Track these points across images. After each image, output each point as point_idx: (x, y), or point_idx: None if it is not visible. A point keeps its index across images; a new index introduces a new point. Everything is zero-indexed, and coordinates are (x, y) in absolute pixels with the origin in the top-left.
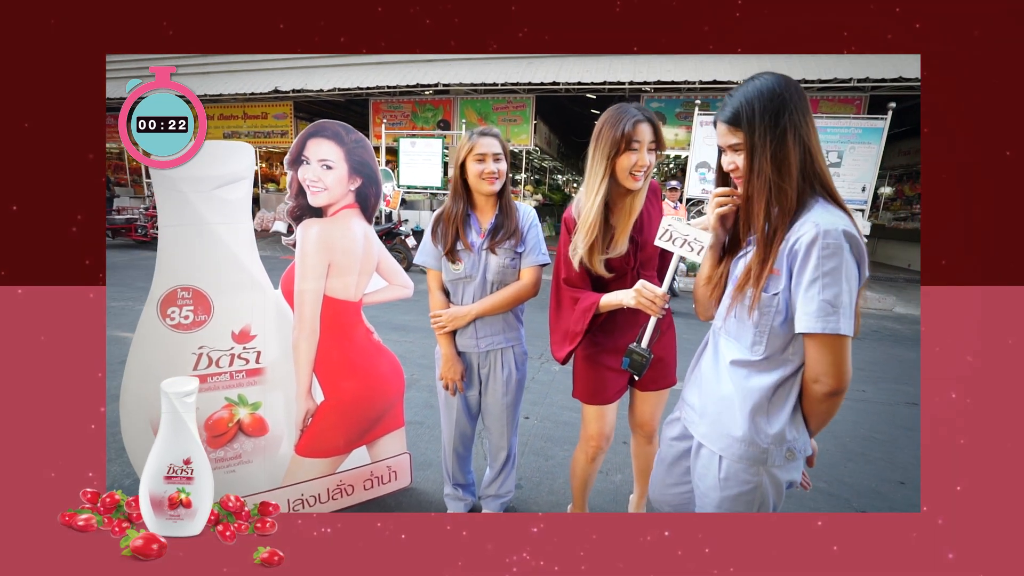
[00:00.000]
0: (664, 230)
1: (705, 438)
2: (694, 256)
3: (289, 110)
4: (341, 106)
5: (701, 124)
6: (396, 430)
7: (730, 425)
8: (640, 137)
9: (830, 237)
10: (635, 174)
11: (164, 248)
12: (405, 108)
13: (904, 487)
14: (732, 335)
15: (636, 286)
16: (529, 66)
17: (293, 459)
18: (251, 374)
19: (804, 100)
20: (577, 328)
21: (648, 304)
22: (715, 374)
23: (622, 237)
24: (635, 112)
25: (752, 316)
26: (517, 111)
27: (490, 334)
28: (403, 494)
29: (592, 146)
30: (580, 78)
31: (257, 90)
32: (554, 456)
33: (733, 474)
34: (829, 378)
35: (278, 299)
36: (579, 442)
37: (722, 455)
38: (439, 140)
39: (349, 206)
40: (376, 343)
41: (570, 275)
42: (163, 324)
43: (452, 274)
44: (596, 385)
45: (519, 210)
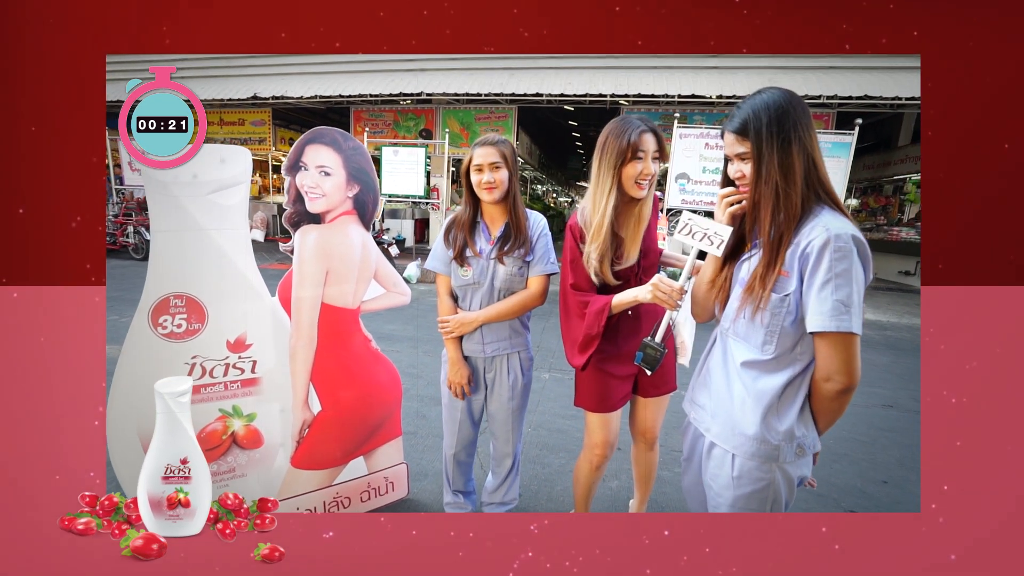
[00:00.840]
0: (684, 224)
1: (718, 437)
2: (714, 249)
3: (267, 117)
4: (320, 114)
5: (680, 137)
6: (394, 439)
7: (742, 424)
8: (645, 147)
9: (841, 241)
10: (640, 183)
11: (156, 254)
12: (387, 117)
13: (887, 485)
14: (741, 336)
15: (653, 280)
16: (512, 77)
17: (289, 472)
18: (246, 384)
19: (807, 113)
20: (593, 331)
21: (665, 298)
22: (724, 374)
23: (633, 247)
24: (639, 123)
25: (762, 317)
26: (500, 121)
27: (496, 340)
28: (400, 505)
29: (597, 157)
30: (563, 90)
31: (235, 96)
32: (551, 464)
33: (746, 472)
34: (841, 376)
35: (275, 307)
36: (583, 450)
37: (735, 453)
38: (422, 149)
39: (347, 213)
40: (374, 351)
41: (577, 281)
42: (154, 333)
43: (461, 280)
44: (601, 393)
45: (530, 219)
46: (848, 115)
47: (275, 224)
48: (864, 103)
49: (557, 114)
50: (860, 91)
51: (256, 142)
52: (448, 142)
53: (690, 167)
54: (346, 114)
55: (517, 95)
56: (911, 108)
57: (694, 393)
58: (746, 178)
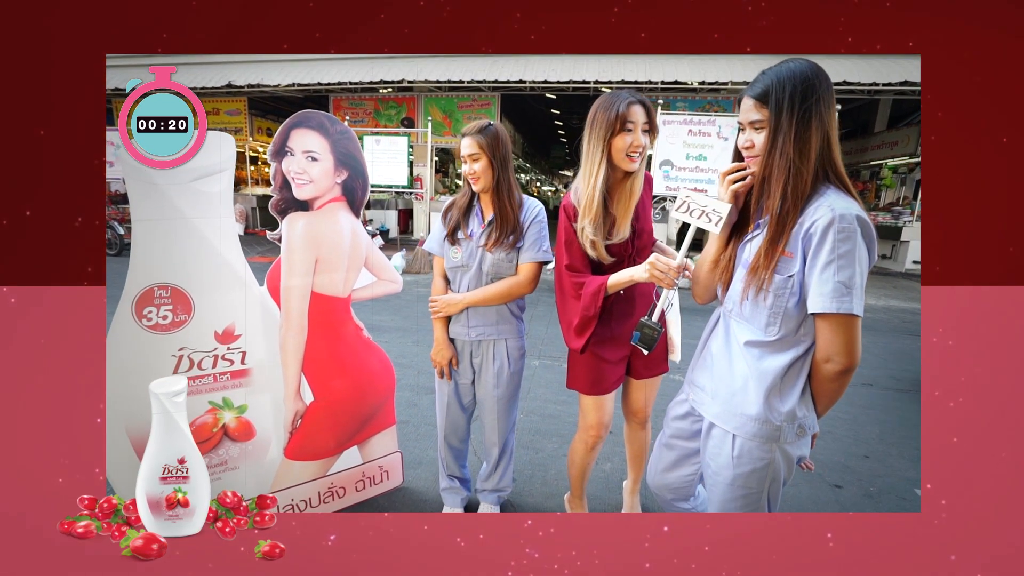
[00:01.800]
0: (682, 201)
1: (718, 418)
2: (712, 227)
3: (243, 106)
4: (298, 103)
5: (664, 123)
6: (387, 428)
7: (744, 405)
8: (634, 118)
9: (845, 221)
10: (631, 155)
11: (138, 244)
12: (367, 105)
13: (868, 460)
14: (746, 317)
15: (650, 258)
16: (495, 64)
17: (283, 463)
18: (236, 376)
19: (831, 90)
20: (591, 312)
21: (662, 276)
22: (727, 356)
23: (624, 221)
24: (627, 95)
25: (766, 298)
26: (482, 109)
27: (482, 324)
28: (395, 494)
29: (587, 131)
30: (546, 76)
31: (209, 84)
32: (544, 448)
33: (747, 452)
34: (842, 357)
35: (263, 296)
36: (578, 432)
37: (736, 434)
38: (404, 138)
39: (336, 199)
40: (366, 340)
41: (572, 261)
42: (139, 325)
43: (451, 261)
44: (595, 375)
45: (524, 205)
46: None
47: (255, 217)
48: (842, 88)
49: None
50: (838, 77)
51: (232, 132)
52: (431, 131)
53: (674, 154)
54: (325, 103)
55: (500, 82)
56: (887, 94)
57: (694, 374)
58: (755, 148)
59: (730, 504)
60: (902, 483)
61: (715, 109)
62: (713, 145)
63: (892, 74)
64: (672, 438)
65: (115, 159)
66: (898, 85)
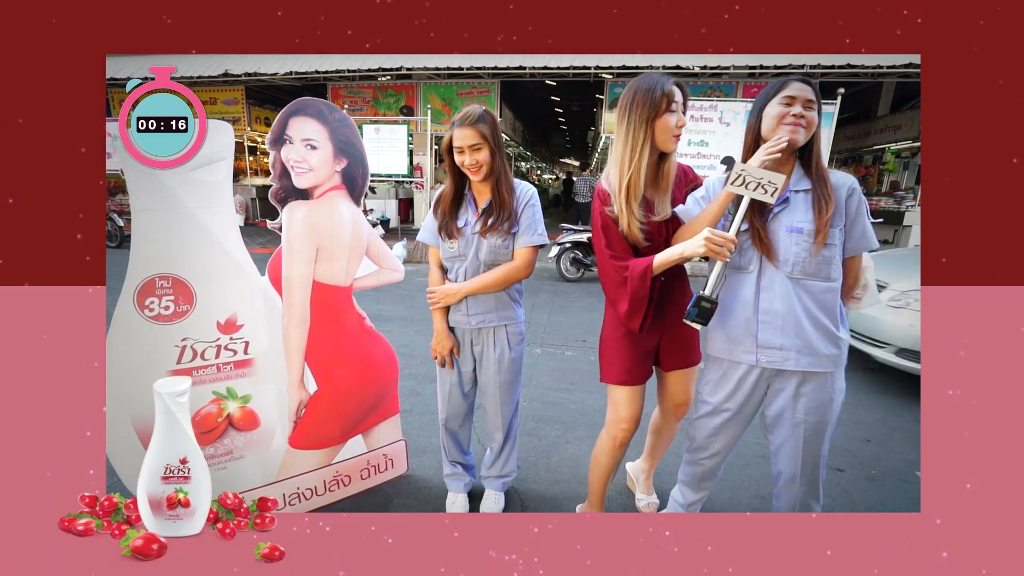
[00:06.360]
0: (737, 175)
1: (812, 366)
2: (768, 198)
3: (240, 95)
4: (295, 92)
5: None
6: (391, 417)
7: (830, 344)
8: (677, 99)
9: (857, 185)
10: (677, 135)
11: (138, 234)
12: (366, 94)
13: (871, 443)
14: (810, 273)
15: (704, 233)
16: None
17: (287, 452)
18: (239, 366)
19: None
20: (641, 293)
21: (719, 249)
22: (799, 311)
23: (663, 202)
24: (665, 77)
25: (828, 250)
26: (482, 96)
27: (481, 312)
28: (400, 481)
29: (625, 114)
30: (546, 63)
31: (205, 73)
32: (547, 436)
33: (838, 384)
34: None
35: (265, 286)
36: (605, 428)
37: (833, 372)
38: (404, 127)
39: (336, 188)
40: (368, 329)
41: (612, 245)
42: (141, 316)
43: (447, 252)
44: (630, 365)
45: (517, 190)
46: (830, 85)
47: (254, 208)
48: (846, 72)
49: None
50: (841, 60)
51: (229, 122)
52: (430, 119)
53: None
54: (323, 91)
55: (500, 68)
56: (891, 77)
57: (760, 339)
58: (806, 120)
59: (826, 445)
60: (904, 466)
61: (717, 94)
62: (715, 131)
63: (896, 56)
64: (742, 407)
65: (113, 150)
66: (902, 68)
